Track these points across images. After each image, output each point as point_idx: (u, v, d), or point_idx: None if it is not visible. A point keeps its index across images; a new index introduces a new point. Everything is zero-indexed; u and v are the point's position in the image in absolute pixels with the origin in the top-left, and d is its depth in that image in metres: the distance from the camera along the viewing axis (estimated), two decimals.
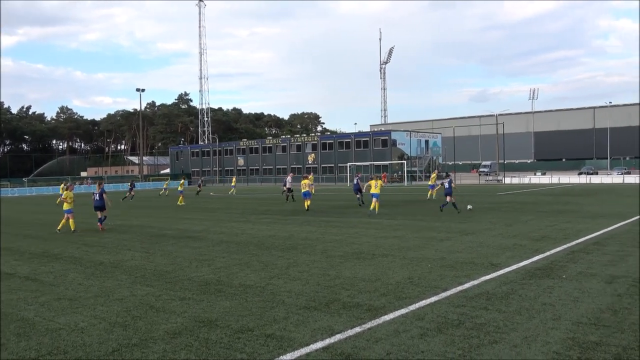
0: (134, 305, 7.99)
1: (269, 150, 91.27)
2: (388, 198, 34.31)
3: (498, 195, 33.33)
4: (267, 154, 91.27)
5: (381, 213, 22.19)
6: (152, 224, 20.35)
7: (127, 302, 8.19)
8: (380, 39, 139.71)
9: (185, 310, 7.59)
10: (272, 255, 11.83)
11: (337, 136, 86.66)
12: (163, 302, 8.07)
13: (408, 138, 75.94)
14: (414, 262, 10.46)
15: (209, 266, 10.74)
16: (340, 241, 13.81)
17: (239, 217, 22.54)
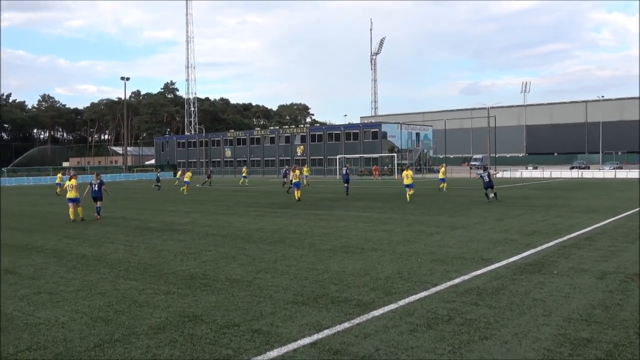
0: (117, 299, 7.92)
1: (256, 142, 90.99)
2: (377, 191, 34.35)
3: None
4: (255, 145, 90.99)
5: (370, 207, 22.21)
6: (136, 216, 20.19)
7: (109, 296, 8.11)
8: (371, 29, 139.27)
9: (170, 305, 7.54)
10: (259, 249, 11.79)
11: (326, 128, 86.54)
12: (147, 297, 8.01)
13: (399, 130, 76.07)
14: (403, 257, 10.47)
15: (195, 260, 10.68)
16: (329, 235, 13.80)
17: (226, 210, 22.43)
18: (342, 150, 78.09)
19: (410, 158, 77.25)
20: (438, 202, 23.65)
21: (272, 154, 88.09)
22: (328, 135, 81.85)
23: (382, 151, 73.93)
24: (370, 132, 76.36)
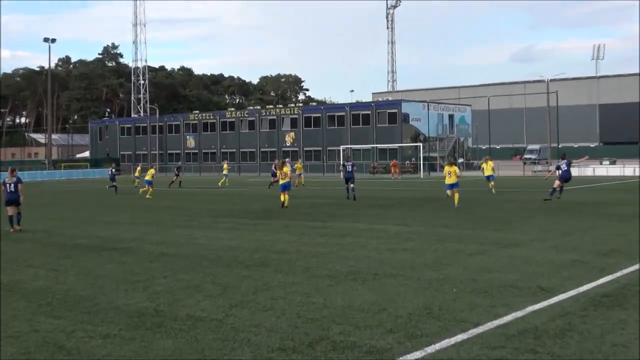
0: (36, 344, 7.86)
1: (230, 127, 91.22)
2: (397, 195, 34.43)
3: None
4: (228, 131, 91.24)
5: (386, 216, 22.21)
6: (63, 230, 20.16)
7: (25, 340, 8.06)
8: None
9: (110, 354, 7.49)
10: (233, 275, 11.76)
11: (326, 108, 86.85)
12: (77, 341, 7.95)
13: (425, 111, 76.33)
14: (432, 286, 10.45)
15: (144, 290, 10.64)
16: (330, 255, 13.79)
17: (188, 220, 22.39)
18: (347, 138, 78.34)
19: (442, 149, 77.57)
20: (481, 210, 23.66)
21: (252, 144, 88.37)
22: (328, 118, 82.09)
23: (403, 140, 74.22)
24: (387, 113, 76.61)
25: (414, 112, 76.48)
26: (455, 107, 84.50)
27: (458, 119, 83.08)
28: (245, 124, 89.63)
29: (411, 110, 76.46)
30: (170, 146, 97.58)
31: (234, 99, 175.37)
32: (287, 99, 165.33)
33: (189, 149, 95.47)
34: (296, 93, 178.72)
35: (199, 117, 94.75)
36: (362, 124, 78.20)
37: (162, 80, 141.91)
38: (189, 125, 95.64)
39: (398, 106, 75.90)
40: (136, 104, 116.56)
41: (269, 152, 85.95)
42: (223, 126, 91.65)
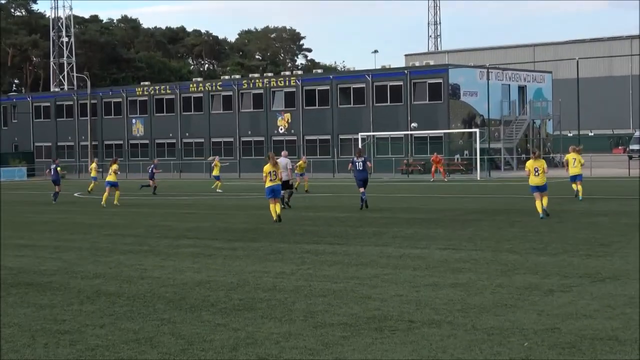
0: None
1: (195, 106, 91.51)
2: (443, 205, 34.38)
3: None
4: (193, 112, 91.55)
5: (426, 236, 22.21)
6: None
7: None
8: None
9: None
10: (202, 323, 11.80)
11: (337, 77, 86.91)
12: None
13: (483, 81, 76.29)
14: (493, 338, 10.47)
15: (72, 345, 10.69)
16: (344, 294, 13.83)
17: (135, 243, 22.40)
18: (369, 121, 78.43)
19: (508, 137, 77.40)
20: (563, 226, 23.61)
21: (228, 131, 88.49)
22: (341, 92, 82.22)
23: (451, 125, 74.15)
24: (426, 85, 76.69)
25: (467, 83, 76.42)
26: (529, 74, 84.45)
27: (532, 92, 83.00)
28: (219, 101, 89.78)
29: (463, 79, 76.42)
30: (108, 134, 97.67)
31: (202, 65, 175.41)
32: (280, 64, 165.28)
33: (135, 137, 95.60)
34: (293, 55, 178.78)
35: (150, 91, 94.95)
36: (391, 101, 78.27)
37: (95, 37, 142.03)
38: (135, 104, 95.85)
39: (443, 74, 75.91)
40: (57, 73, 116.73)
41: (254, 142, 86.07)
42: (185, 104, 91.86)
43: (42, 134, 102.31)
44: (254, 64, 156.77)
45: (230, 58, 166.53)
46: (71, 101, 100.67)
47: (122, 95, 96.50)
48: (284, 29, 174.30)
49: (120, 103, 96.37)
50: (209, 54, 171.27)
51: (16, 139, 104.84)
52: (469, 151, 72.84)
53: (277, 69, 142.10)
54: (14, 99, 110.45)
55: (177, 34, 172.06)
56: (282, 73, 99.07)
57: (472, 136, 70.29)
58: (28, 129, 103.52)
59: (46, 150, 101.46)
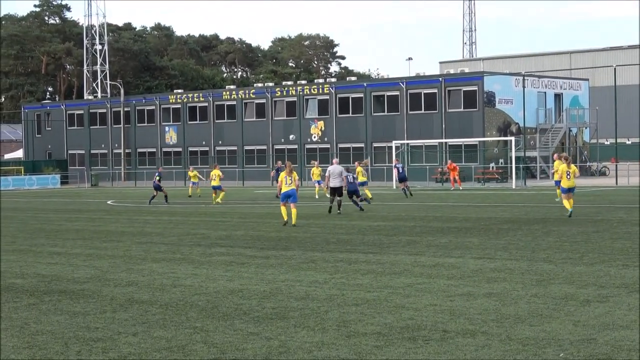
0: None
1: (228, 114, 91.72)
2: (477, 215, 34.29)
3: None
4: (226, 120, 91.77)
5: (460, 245, 22.15)
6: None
7: None
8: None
9: None
10: (234, 332, 11.83)
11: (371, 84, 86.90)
12: None
13: (519, 89, 76.00)
14: (528, 349, 10.43)
15: (105, 353, 10.74)
16: (377, 303, 13.81)
17: (168, 251, 22.50)
18: (403, 128, 78.31)
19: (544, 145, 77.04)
20: (600, 236, 23.47)
21: (262, 138, 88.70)
22: (374, 99, 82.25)
23: (487, 132, 73.92)
24: (461, 92, 76.52)
25: (503, 91, 76.17)
26: (565, 82, 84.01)
27: (569, 100, 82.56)
28: (252, 108, 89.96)
29: (498, 87, 76.17)
30: (141, 142, 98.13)
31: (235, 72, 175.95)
32: (313, 71, 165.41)
33: (169, 145, 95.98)
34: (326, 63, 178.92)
35: (183, 98, 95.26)
36: (425, 109, 78.11)
37: (129, 45, 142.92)
38: (169, 111, 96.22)
39: (478, 81, 75.69)
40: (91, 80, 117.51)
41: (287, 150, 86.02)
42: (219, 112, 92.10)
43: (76, 141, 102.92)
44: (287, 72, 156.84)
45: (264, 65, 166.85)
46: (104, 109, 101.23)
47: (155, 103, 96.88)
48: (318, 36, 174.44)
49: (153, 111, 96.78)
50: (242, 61, 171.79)
51: (50, 146, 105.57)
52: (504, 159, 72.52)
53: (311, 77, 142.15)
54: (48, 106, 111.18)
55: (211, 42, 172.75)
56: (315, 80, 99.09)
57: (508, 144, 69.93)
58: (62, 136, 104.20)
59: (79, 157, 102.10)
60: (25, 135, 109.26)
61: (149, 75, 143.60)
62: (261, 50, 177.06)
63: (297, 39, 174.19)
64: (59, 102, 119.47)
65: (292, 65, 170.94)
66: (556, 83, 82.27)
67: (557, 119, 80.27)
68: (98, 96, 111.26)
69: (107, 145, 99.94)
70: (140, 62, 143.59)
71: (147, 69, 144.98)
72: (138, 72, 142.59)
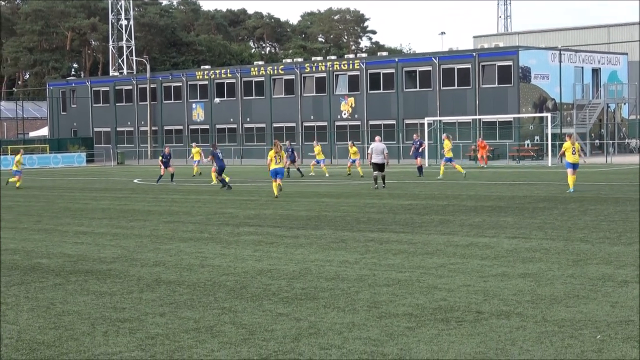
0: None
1: (257, 90, 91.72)
2: (512, 194, 34.17)
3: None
4: (254, 97, 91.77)
5: (494, 224, 22.09)
6: (14, 244, 20.59)
7: None
8: None
9: None
10: (263, 313, 11.87)
11: (403, 59, 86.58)
12: None
13: (555, 64, 75.56)
14: (564, 330, 10.40)
15: (132, 334, 10.81)
16: (409, 284, 13.82)
17: (195, 230, 22.61)
18: (435, 105, 78.07)
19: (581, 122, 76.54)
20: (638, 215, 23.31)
21: (290, 115, 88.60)
22: (407, 75, 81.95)
23: (522, 109, 73.53)
24: (496, 67, 76.13)
25: (539, 66, 75.72)
26: (603, 56, 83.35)
27: (607, 75, 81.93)
28: (280, 85, 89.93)
29: (534, 62, 75.73)
30: (168, 119, 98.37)
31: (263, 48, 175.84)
32: (343, 46, 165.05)
33: (196, 122, 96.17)
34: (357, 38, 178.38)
35: (211, 75, 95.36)
36: (458, 85, 77.81)
37: (155, 20, 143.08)
38: (196, 88, 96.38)
39: (513, 56, 75.25)
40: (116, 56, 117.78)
41: (316, 127, 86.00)
42: (247, 89, 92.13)
43: (101, 119, 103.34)
44: (316, 47, 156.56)
45: (293, 41, 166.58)
46: (130, 86, 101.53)
47: (182, 79, 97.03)
48: (348, 11, 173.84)
49: (180, 87, 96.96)
50: (270, 36, 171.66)
51: (75, 124, 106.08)
52: (540, 136, 72.15)
53: (341, 52, 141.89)
54: (73, 83, 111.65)
55: (238, 17, 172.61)
56: (345, 56, 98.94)
57: (543, 121, 69.57)
58: (87, 114, 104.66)
59: (105, 135, 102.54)
60: (50, 113, 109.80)
61: (176, 51, 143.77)
62: (290, 25, 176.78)
63: (327, 13, 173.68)
64: (84, 78, 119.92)
65: (322, 41, 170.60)
66: (594, 58, 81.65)
67: (595, 95, 79.72)
68: (124, 72, 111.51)
69: (133, 122, 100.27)
70: (167, 38, 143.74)
71: (173, 44, 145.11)
72: (164, 48, 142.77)
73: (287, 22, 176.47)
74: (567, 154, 32.89)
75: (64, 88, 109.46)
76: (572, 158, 32.48)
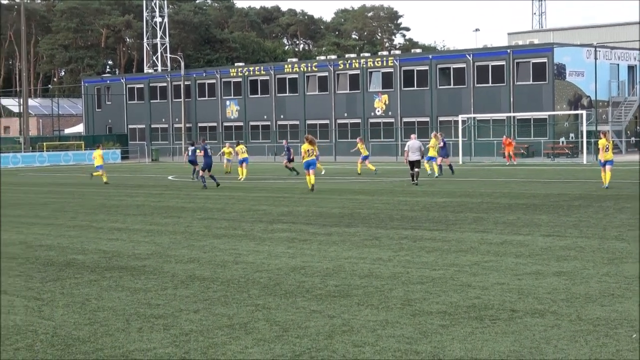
0: None
1: (290, 87, 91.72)
2: (546, 191, 34.03)
3: None
4: (288, 94, 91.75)
5: (529, 222, 22.00)
6: (49, 240, 20.75)
7: None
8: None
9: None
10: (297, 310, 11.91)
11: (436, 56, 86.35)
12: None
13: (591, 60, 75.08)
14: (599, 329, 10.36)
15: (166, 330, 10.88)
16: (443, 281, 13.81)
17: (229, 228, 22.69)
18: (469, 102, 77.74)
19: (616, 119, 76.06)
20: None
21: (324, 112, 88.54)
22: (440, 71, 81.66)
23: (556, 106, 73.12)
24: (530, 64, 75.72)
25: (574, 63, 75.25)
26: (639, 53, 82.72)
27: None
28: (314, 82, 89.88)
29: (569, 59, 75.27)
30: (202, 116, 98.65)
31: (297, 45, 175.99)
32: (377, 43, 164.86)
33: (229, 120, 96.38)
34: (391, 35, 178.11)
35: (244, 72, 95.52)
36: (493, 82, 77.42)
37: (189, 18, 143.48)
38: (229, 85, 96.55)
39: (548, 53, 74.84)
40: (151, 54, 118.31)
41: (350, 124, 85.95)
42: (280, 86, 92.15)
43: (136, 115, 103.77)
44: (350, 44, 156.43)
45: (326, 38, 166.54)
46: (165, 82, 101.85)
47: (216, 76, 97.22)
48: (382, 8, 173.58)
49: (214, 84, 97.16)
50: (304, 33, 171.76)
51: (110, 121, 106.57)
52: (575, 134, 71.73)
53: (374, 49, 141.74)
54: (108, 80, 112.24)
55: (272, 14, 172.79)
56: (379, 53, 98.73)
57: (578, 118, 69.20)
58: (122, 111, 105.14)
59: (140, 132, 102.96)
60: (85, 110, 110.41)
61: (210, 48, 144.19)
62: (323, 22, 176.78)
63: (361, 10, 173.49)
64: (118, 75, 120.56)
65: (355, 38, 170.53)
66: (629, 54, 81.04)
67: (631, 92, 79.11)
68: (158, 70, 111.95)
69: (168, 119, 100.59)
70: (201, 35, 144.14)
71: (207, 41, 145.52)
72: (198, 45, 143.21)
73: (320, 19, 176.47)
74: (600, 151, 33.85)
75: (99, 85, 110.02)
76: (606, 156, 33.10)
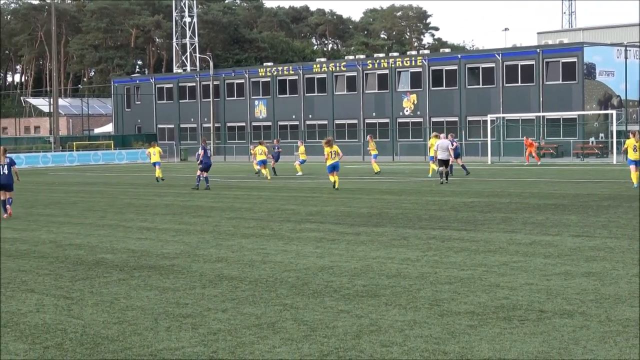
0: None
1: (319, 87, 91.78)
2: (576, 192, 33.86)
3: None
4: (316, 93, 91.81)
5: (557, 223, 21.90)
6: (78, 240, 20.86)
7: None
8: None
9: None
10: (325, 309, 11.91)
11: (465, 56, 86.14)
12: None
13: (621, 60, 74.69)
14: (629, 330, 10.30)
15: (195, 329, 10.90)
16: (471, 282, 13.79)
17: (258, 227, 22.72)
18: (499, 102, 77.52)
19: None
20: None
21: (353, 112, 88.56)
22: (469, 72, 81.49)
23: (586, 105, 72.75)
24: (560, 64, 75.41)
25: (604, 62, 74.86)
26: None
27: None
28: (343, 82, 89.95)
29: (599, 58, 74.91)
30: (231, 116, 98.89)
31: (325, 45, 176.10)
32: (406, 43, 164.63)
33: (258, 119, 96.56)
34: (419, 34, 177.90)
35: (273, 71, 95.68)
36: (522, 81, 77.18)
37: (218, 18, 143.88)
38: (258, 85, 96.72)
39: (578, 52, 74.49)
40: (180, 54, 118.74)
41: (378, 124, 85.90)
42: (309, 85, 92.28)
43: (165, 115, 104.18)
44: (379, 44, 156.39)
45: (355, 37, 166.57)
46: (194, 82, 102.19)
47: (244, 76, 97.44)
48: (410, 7, 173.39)
49: (242, 84, 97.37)
50: (332, 33, 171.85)
51: (139, 120, 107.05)
52: (605, 134, 71.34)
53: (403, 49, 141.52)
54: (137, 80, 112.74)
55: (300, 13, 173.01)
56: (407, 53, 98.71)
57: (608, 118, 68.78)
58: (151, 110, 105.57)
59: (169, 132, 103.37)
60: (114, 110, 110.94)
61: (239, 48, 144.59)
62: (352, 21, 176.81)
63: (389, 9, 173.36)
64: (148, 75, 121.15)
65: (384, 37, 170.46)
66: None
67: None
68: (187, 69, 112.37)
69: (197, 119, 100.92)
70: (230, 35, 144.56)
71: (236, 41, 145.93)
72: (227, 45, 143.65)
73: (349, 19, 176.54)
74: (629, 150, 33.17)
75: (129, 85, 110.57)
76: (634, 155, 32.74)
